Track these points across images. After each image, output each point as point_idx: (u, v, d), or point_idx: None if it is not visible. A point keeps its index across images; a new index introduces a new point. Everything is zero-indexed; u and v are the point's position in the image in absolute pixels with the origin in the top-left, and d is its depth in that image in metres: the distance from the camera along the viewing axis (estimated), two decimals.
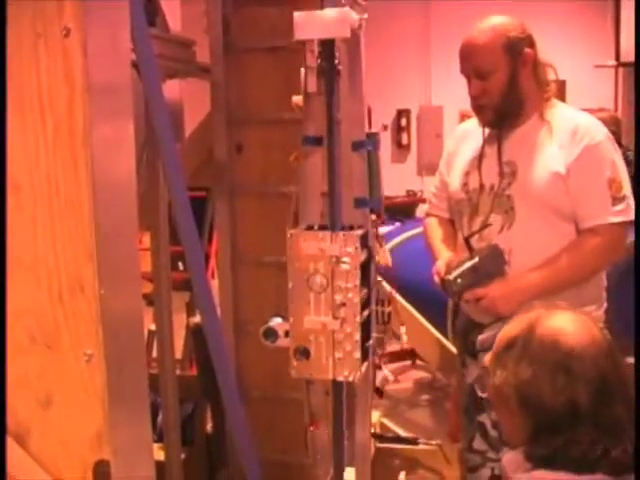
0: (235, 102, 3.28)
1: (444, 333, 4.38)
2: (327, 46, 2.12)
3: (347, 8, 2.11)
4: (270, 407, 3.44)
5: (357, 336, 2.16)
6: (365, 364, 2.26)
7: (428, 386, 5.93)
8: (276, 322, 2.28)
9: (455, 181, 2.93)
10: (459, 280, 2.67)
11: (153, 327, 3.39)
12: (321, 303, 2.18)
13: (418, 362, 5.98)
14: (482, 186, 2.80)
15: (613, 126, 4.57)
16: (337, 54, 2.15)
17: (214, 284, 3.50)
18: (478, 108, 2.81)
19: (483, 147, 2.84)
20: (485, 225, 2.76)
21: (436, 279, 2.80)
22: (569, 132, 2.69)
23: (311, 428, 2.42)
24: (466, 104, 2.84)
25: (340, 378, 2.20)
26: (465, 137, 2.99)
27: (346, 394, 2.37)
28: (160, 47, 2.69)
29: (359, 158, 2.26)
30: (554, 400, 1.58)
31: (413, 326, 4.05)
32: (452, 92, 11.68)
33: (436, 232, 3.07)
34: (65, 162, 1.53)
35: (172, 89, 3.25)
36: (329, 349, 2.19)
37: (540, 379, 1.59)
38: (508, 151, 2.77)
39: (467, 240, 2.73)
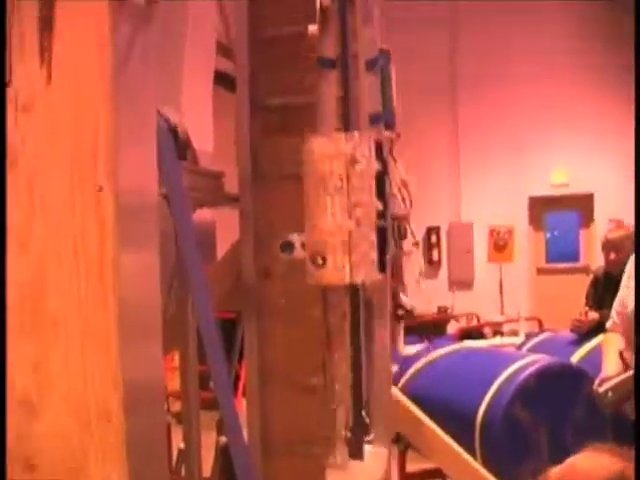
0: (263, 228, 3.37)
1: (472, 454, 4.36)
2: None
3: None
4: None
5: (373, 236, 2.12)
6: (382, 275, 2.23)
7: None
8: (294, 236, 2.29)
9: (631, 303, 2.94)
10: (610, 394, 2.63)
11: (182, 445, 3.44)
12: (336, 205, 2.13)
13: None
14: None
15: None
16: None
17: (244, 402, 3.56)
18: None
19: None
20: None
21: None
22: None
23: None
24: (495, 220, 2.88)
25: (357, 281, 2.15)
26: None
27: (364, 312, 2.32)
28: (190, 179, 2.82)
29: (373, 76, 2.29)
30: None
31: (441, 447, 4.04)
32: (481, 208, 11.89)
33: (609, 347, 3.06)
34: (96, 302, 1.65)
35: (204, 214, 3.39)
36: (345, 252, 2.12)
37: None
38: None
39: (621, 354, 2.69)
